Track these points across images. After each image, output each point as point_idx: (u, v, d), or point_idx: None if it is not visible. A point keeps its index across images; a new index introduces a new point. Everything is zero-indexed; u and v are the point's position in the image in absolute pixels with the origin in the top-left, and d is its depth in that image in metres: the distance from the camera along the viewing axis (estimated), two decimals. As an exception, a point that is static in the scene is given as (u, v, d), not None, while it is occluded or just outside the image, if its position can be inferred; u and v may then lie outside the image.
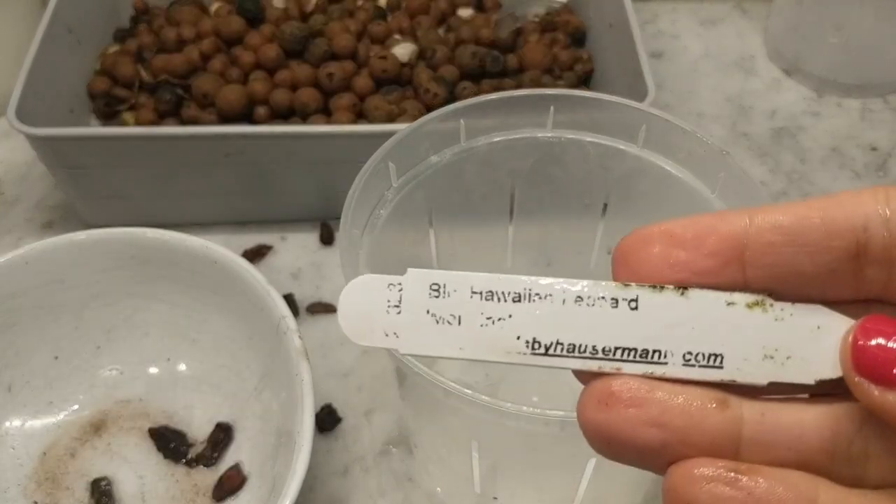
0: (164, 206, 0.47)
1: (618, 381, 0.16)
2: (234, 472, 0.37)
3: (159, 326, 0.40)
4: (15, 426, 0.38)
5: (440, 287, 0.17)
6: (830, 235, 0.15)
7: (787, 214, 0.15)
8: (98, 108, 0.50)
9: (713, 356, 0.16)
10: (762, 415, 0.16)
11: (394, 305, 0.17)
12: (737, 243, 0.15)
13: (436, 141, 0.34)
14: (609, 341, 0.16)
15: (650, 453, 0.15)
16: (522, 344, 0.16)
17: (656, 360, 0.16)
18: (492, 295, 0.16)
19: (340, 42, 0.50)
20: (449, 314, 0.16)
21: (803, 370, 0.16)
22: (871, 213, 0.15)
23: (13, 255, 0.37)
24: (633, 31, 0.47)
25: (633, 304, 0.16)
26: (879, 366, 0.14)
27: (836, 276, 0.15)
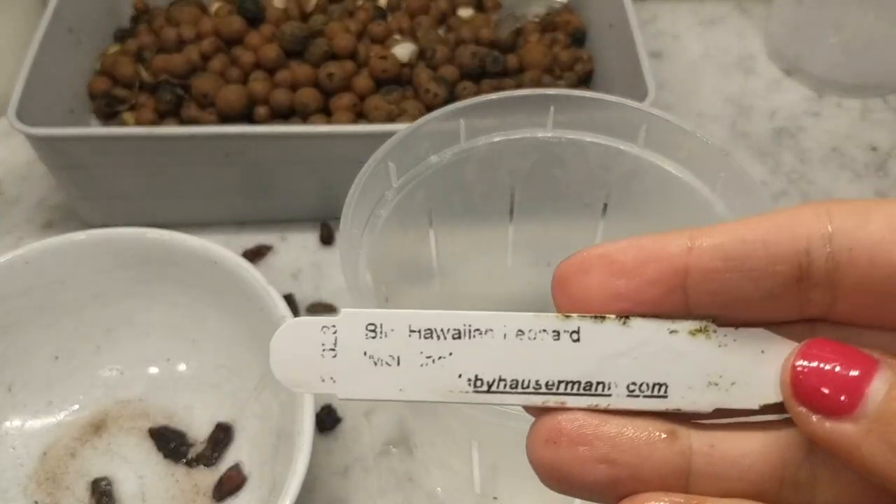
0: (164, 206, 0.47)
1: (565, 417, 0.16)
2: (234, 472, 0.37)
3: (159, 326, 0.40)
4: (15, 426, 0.38)
5: (377, 327, 0.16)
6: (773, 260, 0.15)
7: (729, 237, 0.15)
8: (98, 108, 0.50)
9: (657, 385, 0.16)
10: (711, 446, 0.15)
11: (329, 349, 0.16)
12: (678, 270, 0.15)
13: (436, 141, 0.34)
14: (552, 375, 0.16)
15: (600, 489, 0.15)
16: (464, 382, 0.16)
17: (600, 391, 0.16)
18: (431, 333, 0.16)
19: (340, 42, 0.50)
20: (387, 355, 0.16)
21: (748, 395, 0.16)
22: (812, 232, 0.15)
23: (13, 255, 0.37)
24: (633, 31, 0.47)
25: (574, 335, 0.16)
26: (817, 393, 0.14)
27: (780, 299, 0.15)
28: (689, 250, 0.15)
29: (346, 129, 0.43)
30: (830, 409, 0.14)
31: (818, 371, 0.14)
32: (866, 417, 0.14)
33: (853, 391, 0.14)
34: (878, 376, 0.14)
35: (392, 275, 0.34)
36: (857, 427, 0.14)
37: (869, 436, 0.14)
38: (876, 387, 0.14)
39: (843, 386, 0.14)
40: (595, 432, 0.15)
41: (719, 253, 0.15)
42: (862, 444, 0.14)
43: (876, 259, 0.14)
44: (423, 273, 0.38)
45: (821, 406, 0.14)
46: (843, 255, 0.14)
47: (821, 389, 0.14)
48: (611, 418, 0.16)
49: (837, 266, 0.15)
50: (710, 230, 0.15)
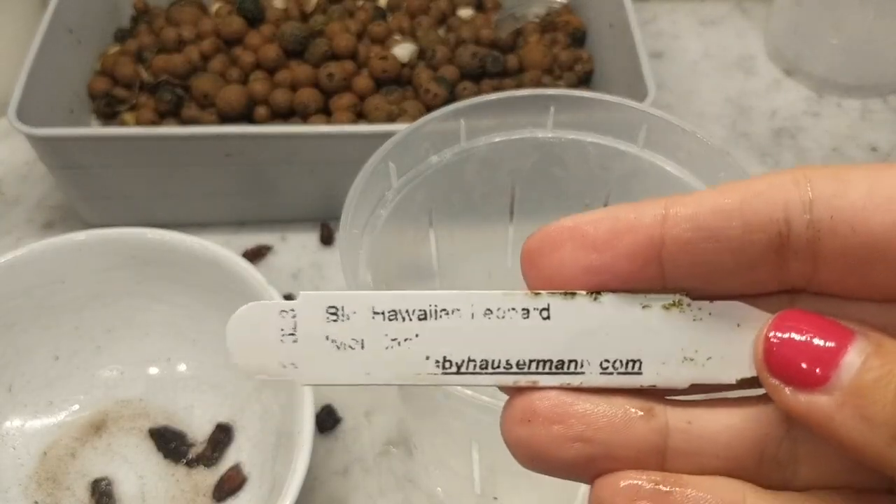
0: (164, 206, 0.47)
1: (538, 396, 0.15)
2: (234, 472, 0.37)
3: (159, 326, 0.40)
4: (15, 426, 0.38)
5: (338, 310, 0.15)
6: (750, 229, 0.14)
7: (704, 206, 0.14)
8: (98, 108, 0.50)
9: (631, 362, 0.15)
10: (688, 423, 0.15)
11: (288, 333, 0.16)
12: (653, 242, 0.15)
13: (436, 141, 0.34)
14: (523, 354, 0.15)
15: (576, 468, 0.15)
16: (432, 364, 0.15)
17: (573, 370, 0.15)
18: (395, 314, 0.15)
19: (340, 42, 0.50)
20: (350, 338, 0.15)
21: (724, 370, 0.15)
22: (792, 199, 0.14)
23: (13, 255, 0.37)
24: (633, 31, 0.47)
25: (544, 313, 0.15)
26: (790, 365, 0.14)
27: (758, 270, 0.15)
28: (663, 219, 0.15)
29: (346, 129, 0.43)
30: (804, 382, 0.14)
31: (792, 342, 0.14)
32: (840, 390, 0.13)
33: (827, 363, 0.14)
34: (854, 348, 0.14)
35: (392, 275, 0.34)
36: (831, 399, 0.13)
37: (843, 408, 0.13)
38: (850, 358, 0.13)
39: (816, 357, 0.14)
40: (569, 410, 0.15)
41: (694, 223, 0.14)
42: (836, 417, 0.13)
43: (857, 226, 0.14)
44: (423, 273, 0.38)
45: (794, 378, 0.14)
46: (823, 223, 0.14)
47: (794, 361, 0.14)
48: (585, 396, 0.15)
49: (817, 234, 0.14)
50: (685, 199, 0.15)
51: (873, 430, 0.13)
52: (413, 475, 0.39)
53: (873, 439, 0.13)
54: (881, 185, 0.14)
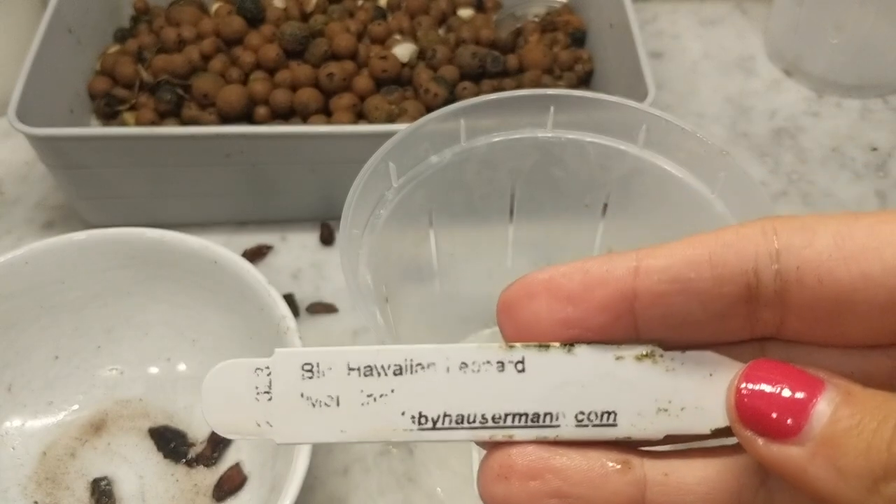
0: (164, 206, 0.47)
1: (516, 451, 0.15)
2: (234, 472, 0.37)
3: (159, 326, 0.40)
4: (15, 426, 0.38)
5: (313, 367, 0.15)
6: (721, 281, 0.14)
7: (675, 259, 0.15)
8: (98, 108, 0.50)
9: (606, 414, 0.15)
10: (665, 475, 0.15)
11: (263, 392, 0.16)
12: (626, 295, 0.15)
13: (436, 141, 0.34)
14: (498, 408, 0.15)
15: None
16: (408, 420, 0.15)
17: (548, 423, 0.15)
18: (371, 370, 0.15)
19: (341, 42, 0.50)
20: (326, 395, 0.15)
21: (698, 420, 0.15)
22: (760, 251, 0.14)
23: (13, 255, 0.37)
24: (633, 31, 0.47)
25: (519, 366, 0.15)
26: (762, 416, 0.14)
27: (729, 320, 0.15)
28: (635, 272, 0.15)
29: (346, 129, 0.43)
30: (776, 432, 0.14)
31: (762, 393, 0.14)
32: (812, 440, 0.13)
33: (798, 413, 0.14)
34: (824, 397, 0.14)
35: (392, 275, 0.34)
36: (804, 450, 0.13)
37: (815, 458, 0.13)
38: (821, 408, 0.14)
39: (788, 408, 0.14)
40: (546, 465, 0.15)
41: (666, 276, 0.15)
42: (808, 468, 0.13)
43: (823, 277, 0.14)
44: (423, 273, 0.38)
45: (766, 429, 0.14)
46: (790, 274, 0.14)
47: (766, 412, 0.14)
48: (562, 450, 0.15)
49: (785, 285, 0.14)
50: (656, 251, 0.15)
51: (846, 481, 0.13)
52: (413, 475, 0.39)
53: (846, 490, 0.13)
54: (848, 235, 0.14)
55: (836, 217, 0.14)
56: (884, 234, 0.14)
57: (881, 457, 0.13)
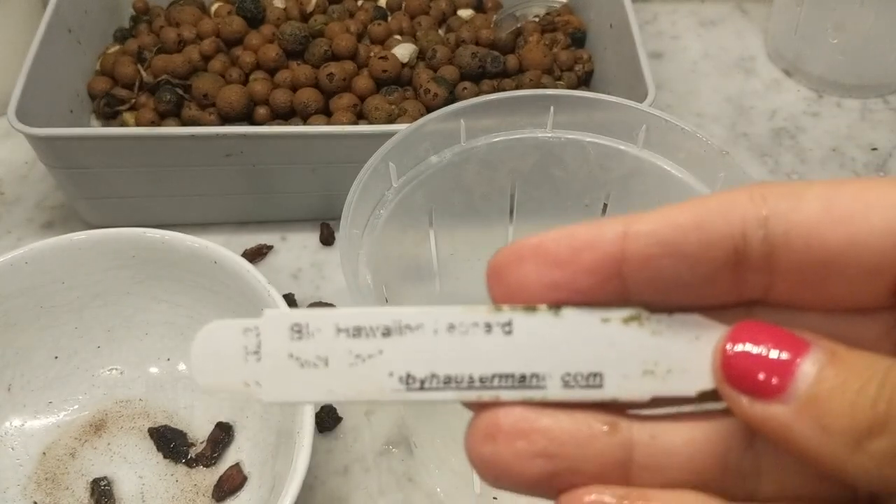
0: (164, 206, 0.47)
1: (503, 412, 0.15)
2: (234, 472, 0.37)
3: (159, 326, 0.40)
4: (15, 426, 0.38)
5: (302, 327, 0.16)
6: (708, 245, 0.14)
7: (663, 223, 0.15)
8: (98, 108, 0.50)
9: (592, 375, 0.15)
10: (652, 437, 0.15)
11: (252, 352, 0.16)
12: (614, 258, 0.15)
13: (436, 141, 0.34)
14: (485, 369, 0.15)
15: (539, 485, 0.15)
16: (396, 380, 0.15)
17: (535, 384, 0.15)
18: (359, 331, 0.15)
19: (341, 42, 0.50)
20: (314, 356, 0.15)
21: (684, 382, 0.15)
22: (748, 216, 0.14)
23: (13, 255, 0.37)
24: (633, 31, 0.47)
25: (506, 328, 0.15)
26: (748, 375, 0.14)
27: (717, 283, 0.15)
28: (623, 237, 0.15)
29: (346, 130, 0.43)
30: (761, 392, 0.14)
31: (748, 354, 0.14)
32: (797, 399, 0.14)
33: (783, 373, 0.14)
34: (809, 357, 0.14)
35: (392, 275, 0.34)
36: (788, 409, 0.14)
37: (800, 417, 0.13)
38: (806, 368, 0.14)
39: (773, 368, 0.14)
40: (532, 426, 0.15)
41: (654, 239, 0.15)
42: (793, 426, 0.13)
43: (811, 241, 0.14)
44: (423, 273, 0.38)
45: (752, 388, 0.14)
46: (778, 238, 0.14)
47: (751, 372, 0.14)
48: (548, 412, 0.15)
49: (773, 249, 0.14)
50: (645, 216, 0.15)
51: (831, 439, 0.13)
52: (413, 474, 0.39)
53: (831, 448, 0.13)
54: (835, 201, 0.14)
55: (824, 183, 0.14)
56: (870, 199, 0.14)
57: (865, 414, 0.13)
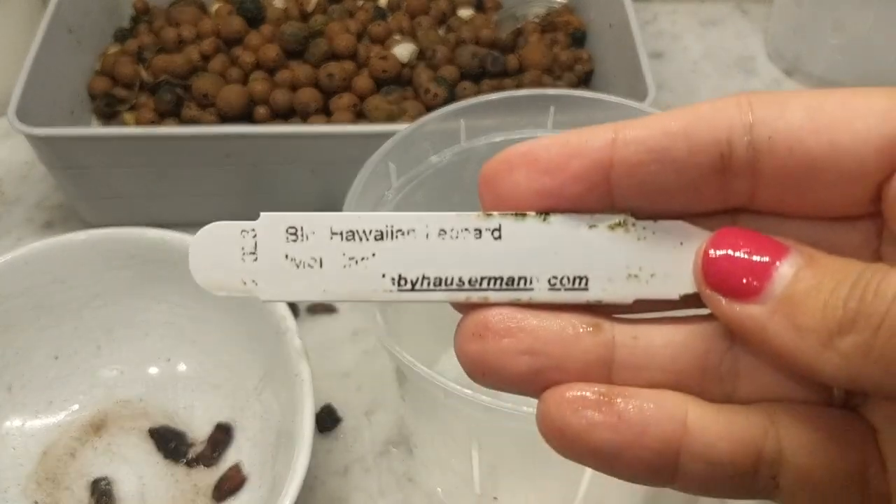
0: (164, 206, 0.47)
1: (491, 312, 0.16)
2: (234, 472, 0.37)
3: (159, 326, 0.40)
4: (15, 426, 0.38)
5: (297, 230, 0.16)
6: (695, 151, 0.15)
7: (652, 130, 0.15)
8: (98, 108, 0.50)
9: (578, 279, 0.16)
10: (634, 338, 0.16)
11: (249, 252, 0.16)
12: (602, 164, 0.15)
13: (436, 141, 0.34)
14: (475, 272, 0.16)
15: (525, 381, 0.16)
16: (388, 282, 0.16)
17: (522, 286, 0.16)
18: (353, 234, 0.16)
19: (341, 42, 0.50)
20: (309, 257, 0.16)
21: (668, 286, 0.16)
22: (734, 123, 0.15)
23: (13, 255, 0.37)
24: (634, 31, 0.47)
25: (496, 233, 0.16)
26: (727, 277, 0.15)
27: (702, 190, 0.15)
28: (612, 143, 0.15)
29: (346, 129, 0.43)
30: (739, 293, 0.14)
31: (728, 256, 0.15)
32: (773, 299, 0.14)
33: (761, 274, 0.14)
34: (787, 261, 0.14)
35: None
36: (764, 308, 0.14)
37: (774, 317, 0.14)
38: (783, 271, 0.14)
39: (751, 270, 0.14)
40: (519, 325, 0.16)
41: (642, 145, 0.15)
42: (767, 325, 0.14)
43: (794, 147, 0.14)
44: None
45: (730, 289, 0.14)
46: (762, 145, 0.15)
47: (730, 273, 0.15)
48: (534, 312, 0.16)
49: (757, 155, 0.15)
50: (635, 122, 0.15)
51: (803, 338, 0.14)
52: (413, 475, 0.39)
53: (803, 346, 0.14)
54: (819, 108, 0.14)
55: (810, 92, 0.15)
56: (854, 107, 0.14)
57: (836, 313, 0.13)
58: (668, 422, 0.15)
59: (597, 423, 0.15)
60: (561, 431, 0.15)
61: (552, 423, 0.15)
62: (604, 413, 0.15)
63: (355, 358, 0.43)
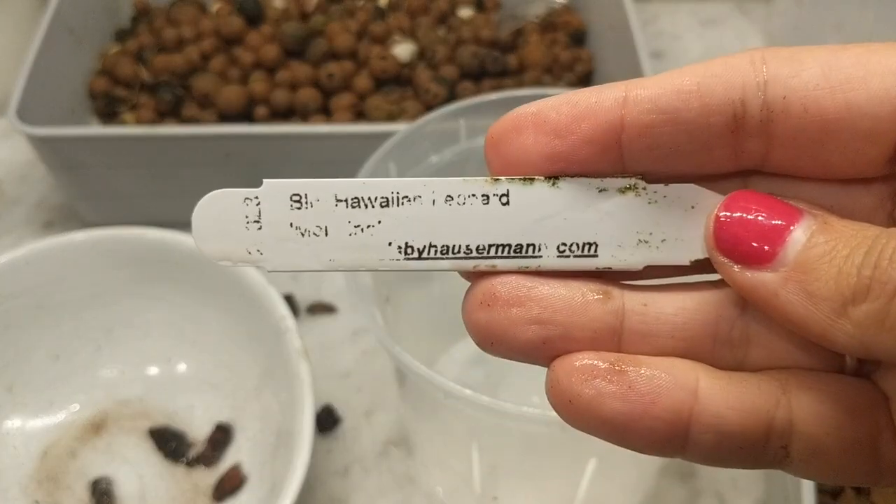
0: (164, 206, 0.47)
1: (499, 281, 0.16)
2: (234, 472, 0.37)
3: (159, 326, 0.40)
4: (16, 426, 0.38)
5: (301, 197, 0.16)
6: (708, 111, 0.14)
7: (663, 89, 0.15)
8: (98, 108, 0.50)
9: (587, 245, 0.16)
10: (644, 305, 0.15)
11: (253, 220, 0.16)
12: (613, 126, 0.15)
13: (436, 141, 0.34)
14: (482, 239, 0.16)
15: (534, 350, 0.15)
16: (395, 250, 0.16)
17: (531, 253, 0.16)
18: (358, 201, 0.16)
19: (340, 42, 0.50)
20: (314, 225, 0.16)
21: (678, 252, 0.16)
22: (748, 81, 0.14)
23: (13, 255, 0.37)
24: (634, 31, 0.47)
25: (504, 199, 0.16)
26: (739, 243, 0.14)
27: (715, 151, 0.15)
28: (622, 102, 0.15)
29: (346, 129, 0.43)
30: (751, 259, 0.14)
31: (741, 221, 0.14)
32: (785, 266, 0.14)
33: (773, 240, 0.14)
34: (800, 226, 0.14)
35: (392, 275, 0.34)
36: (777, 275, 0.14)
37: (787, 283, 0.14)
38: (796, 236, 0.14)
39: (763, 235, 0.14)
40: (528, 294, 0.15)
41: (654, 105, 0.14)
42: (780, 292, 0.14)
43: (808, 106, 0.14)
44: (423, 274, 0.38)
45: (742, 255, 0.14)
46: (776, 104, 0.14)
47: (742, 239, 0.14)
48: (543, 280, 0.16)
49: (771, 115, 0.14)
50: (646, 81, 0.15)
51: (816, 305, 0.13)
52: (413, 475, 0.39)
53: (816, 314, 0.13)
54: (835, 66, 0.14)
55: (825, 48, 0.14)
56: (871, 64, 0.14)
57: (850, 281, 0.13)
58: (678, 391, 0.15)
59: (607, 392, 0.15)
60: (570, 401, 0.15)
61: (561, 392, 0.15)
62: (614, 382, 0.15)
63: (355, 358, 0.43)
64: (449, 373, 0.40)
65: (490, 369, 0.40)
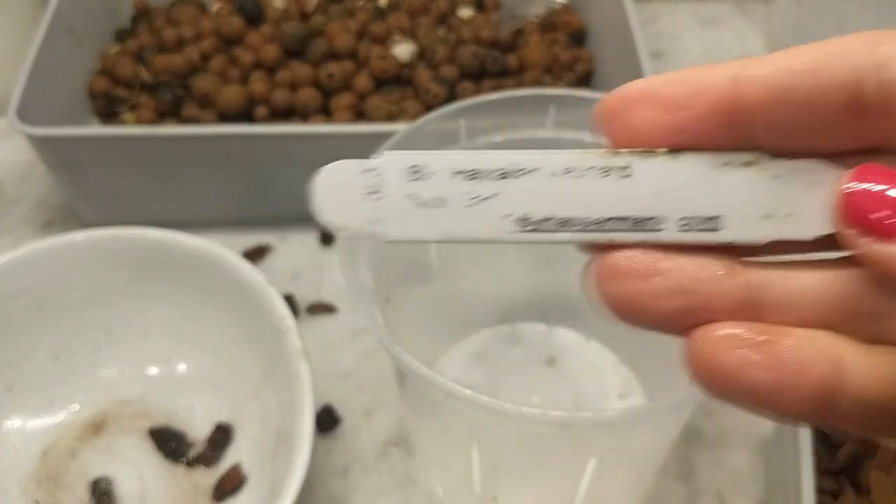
0: (164, 206, 0.47)
1: (621, 255, 0.15)
2: (234, 472, 0.37)
3: (159, 326, 0.40)
4: (15, 426, 0.38)
5: (420, 169, 0.16)
6: (823, 91, 0.14)
7: (776, 68, 0.15)
8: (98, 108, 0.50)
9: (710, 219, 0.15)
10: (773, 280, 0.15)
11: (372, 192, 0.16)
12: (728, 103, 0.15)
13: (436, 141, 0.34)
14: (601, 212, 0.16)
15: (671, 320, 0.15)
16: (512, 222, 0.16)
17: (651, 227, 0.15)
18: (475, 174, 0.16)
19: (340, 42, 0.50)
20: (432, 197, 0.16)
21: (802, 226, 0.15)
22: (863, 62, 0.14)
23: (13, 255, 0.37)
24: (634, 31, 0.47)
25: (624, 171, 0.15)
26: (868, 216, 0.14)
27: (834, 130, 0.15)
28: (735, 81, 0.15)
29: (346, 129, 0.44)
30: (881, 231, 0.14)
31: (869, 193, 0.14)
32: None
33: None
34: None
35: (392, 275, 0.34)
36: None
37: None
38: None
39: (893, 207, 0.14)
40: (654, 267, 0.15)
41: (768, 83, 0.15)
42: None
43: None
44: (423, 273, 0.38)
45: (871, 228, 0.14)
46: (893, 84, 0.14)
47: (871, 211, 0.14)
48: (667, 254, 0.15)
49: (890, 95, 0.14)
50: (758, 61, 0.15)
51: None
52: (413, 475, 0.39)
53: None
54: None
55: None
56: None
57: None
58: (825, 362, 0.14)
59: (752, 362, 0.14)
60: (713, 371, 0.15)
61: (704, 362, 0.15)
62: (759, 352, 0.15)
63: (355, 358, 0.43)
64: (449, 373, 0.40)
65: (490, 369, 0.40)
